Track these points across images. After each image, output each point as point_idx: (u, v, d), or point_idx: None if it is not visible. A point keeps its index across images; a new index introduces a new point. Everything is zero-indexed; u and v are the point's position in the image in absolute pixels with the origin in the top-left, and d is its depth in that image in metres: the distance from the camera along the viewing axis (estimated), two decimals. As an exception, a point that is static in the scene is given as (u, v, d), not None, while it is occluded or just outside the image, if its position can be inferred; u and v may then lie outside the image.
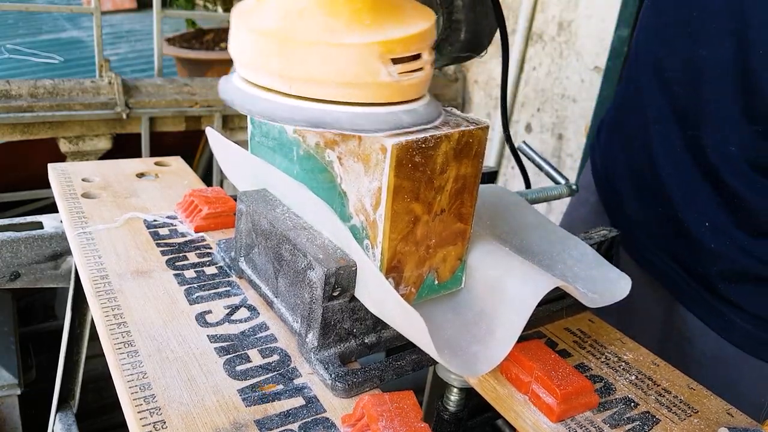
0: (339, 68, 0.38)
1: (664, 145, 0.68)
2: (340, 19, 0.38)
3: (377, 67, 0.38)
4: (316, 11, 0.38)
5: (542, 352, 0.47)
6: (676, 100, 0.66)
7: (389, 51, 0.38)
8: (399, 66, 0.39)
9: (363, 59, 0.38)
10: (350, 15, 0.38)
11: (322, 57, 0.38)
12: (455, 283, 0.49)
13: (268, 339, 0.49)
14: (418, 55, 0.40)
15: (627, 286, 0.52)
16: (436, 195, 0.43)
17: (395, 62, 0.39)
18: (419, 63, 0.40)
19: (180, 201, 0.69)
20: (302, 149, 0.49)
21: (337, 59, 0.38)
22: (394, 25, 0.39)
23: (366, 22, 0.38)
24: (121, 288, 0.53)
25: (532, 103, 2.08)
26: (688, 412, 0.47)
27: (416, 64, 0.40)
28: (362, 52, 0.38)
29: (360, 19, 0.38)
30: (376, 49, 0.38)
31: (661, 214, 0.70)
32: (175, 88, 1.72)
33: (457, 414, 0.58)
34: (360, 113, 0.39)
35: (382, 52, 0.38)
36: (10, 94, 1.50)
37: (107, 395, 1.21)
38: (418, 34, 0.39)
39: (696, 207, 0.65)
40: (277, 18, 0.39)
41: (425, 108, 0.42)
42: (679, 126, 0.66)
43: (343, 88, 0.39)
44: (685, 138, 0.65)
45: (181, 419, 0.40)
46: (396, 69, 0.39)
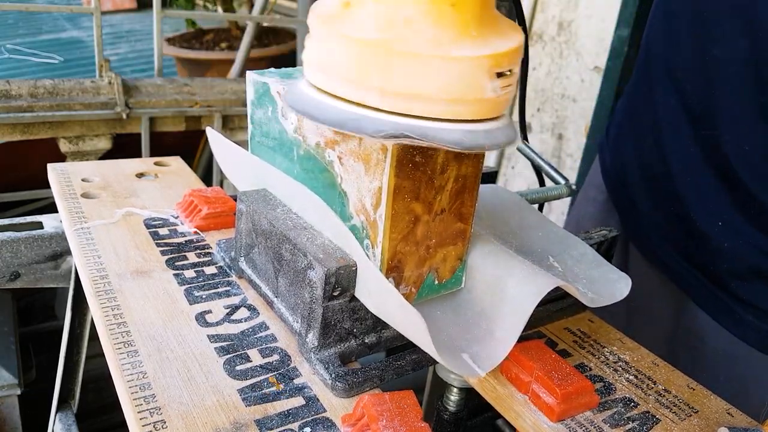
0: (447, 83, 0.35)
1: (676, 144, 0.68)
2: (448, 31, 0.35)
3: (484, 82, 0.36)
4: (424, 21, 0.35)
5: (542, 352, 0.47)
6: (688, 100, 0.65)
7: (497, 65, 0.36)
8: (501, 80, 0.37)
9: (472, 74, 0.36)
10: (459, 26, 0.36)
11: (430, 71, 0.35)
12: (455, 283, 0.49)
13: (268, 339, 0.49)
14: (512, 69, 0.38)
15: (627, 286, 0.52)
16: (436, 195, 0.43)
17: (498, 76, 0.37)
18: (513, 78, 0.38)
19: (180, 201, 0.69)
20: (302, 149, 0.49)
21: (445, 74, 0.35)
22: (496, 39, 0.37)
23: (473, 34, 0.36)
24: (120, 288, 0.53)
25: (532, 103, 2.08)
26: (688, 411, 0.47)
27: (512, 79, 0.38)
28: (472, 66, 0.35)
29: (468, 32, 0.36)
30: (486, 63, 0.36)
31: (673, 213, 0.70)
32: (175, 88, 1.72)
33: (457, 414, 0.58)
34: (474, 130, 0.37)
35: (490, 66, 0.36)
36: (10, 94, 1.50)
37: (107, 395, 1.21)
38: (518, 48, 0.38)
39: (708, 206, 0.65)
40: (378, 26, 0.36)
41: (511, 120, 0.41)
42: (692, 125, 0.65)
43: (448, 105, 0.36)
44: (697, 137, 0.65)
45: (181, 419, 0.40)
46: (499, 84, 0.37)
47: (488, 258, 0.48)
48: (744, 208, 0.62)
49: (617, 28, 1.75)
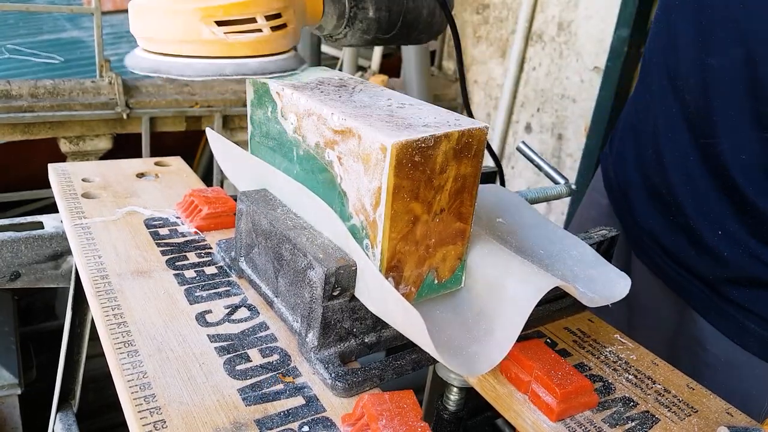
0: (172, 28, 0.49)
1: (676, 153, 0.68)
2: None
3: (200, 27, 0.48)
4: None
5: (542, 352, 0.47)
6: (687, 108, 0.66)
7: (210, 15, 0.48)
8: (225, 27, 0.48)
9: (188, 22, 0.48)
10: None
11: (160, 21, 0.49)
12: (455, 282, 0.49)
13: (268, 338, 0.50)
14: (252, 19, 0.49)
15: (626, 286, 0.52)
16: (435, 194, 0.43)
17: (220, 24, 0.48)
18: (254, 25, 0.49)
19: (180, 201, 0.69)
20: (302, 149, 0.49)
21: (170, 22, 0.49)
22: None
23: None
24: (121, 288, 0.53)
25: (532, 103, 2.08)
26: (687, 411, 0.47)
27: (249, 26, 0.49)
28: (187, 15, 0.48)
29: None
30: (198, 13, 0.48)
31: (672, 221, 0.70)
32: (175, 89, 1.72)
33: (457, 413, 0.58)
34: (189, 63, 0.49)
35: (203, 16, 0.48)
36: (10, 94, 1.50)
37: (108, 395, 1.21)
38: (243, 2, 0.49)
39: (708, 215, 0.65)
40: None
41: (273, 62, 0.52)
42: (690, 134, 0.66)
43: (180, 45, 0.49)
44: (696, 146, 0.65)
45: (181, 419, 0.40)
46: (222, 30, 0.48)
47: (488, 258, 0.48)
48: (743, 217, 0.62)
49: (617, 29, 1.75)
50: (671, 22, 0.69)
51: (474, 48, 2.31)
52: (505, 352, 0.44)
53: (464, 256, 0.48)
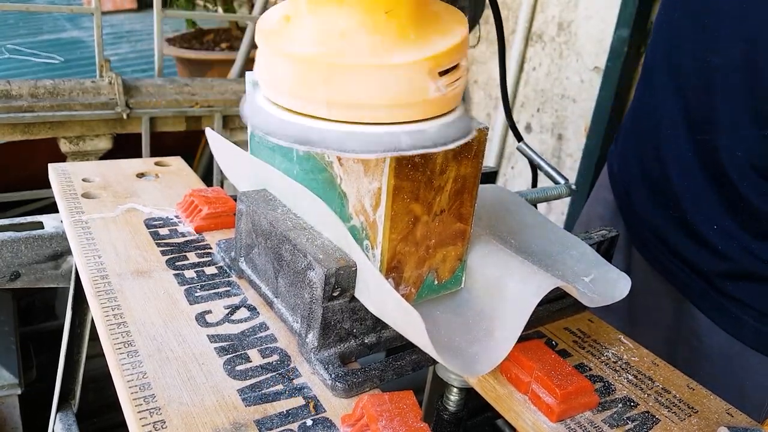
0: (389, 90, 0.36)
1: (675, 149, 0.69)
2: (386, 38, 0.36)
3: (427, 83, 0.37)
4: (359, 30, 0.36)
5: (542, 352, 0.47)
6: (688, 105, 0.67)
7: (437, 65, 0.37)
8: (445, 78, 0.38)
9: (413, 78, 0.36)
10: (395, 32, 0.36)
11: (371, 80, 0.36)
12: (455, 283, 0.49)
13: (268, 339, 0.49)
14: (458, 64, 0.39)
15: (627, 286, 0.52)
16: (435, 195, 0.43)
17: (441, 75, 0.37)
18: (461, 72, 0.39)
19: (180, 201, 0.69)
20: (302, 150, 0.49)
21: (386, 81, 0.36)
22: (437, 36, 0.37)
23: (411, 36, 0.36)
24: (121, 288, 0.53)
25: (532, 103, 2.08)
26: (687, 411, 0.47)
27: (458, 74, 0.39)
28: (412, 70, 0.36)
29: (405, 35, 0.36)
30: (426, 66, 0.36)
31: (671, 216, 0.71)
32: (175, 89, 1.72)
33: (457, 414, 0.58)
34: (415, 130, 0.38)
35: (431, 68, 0.36)
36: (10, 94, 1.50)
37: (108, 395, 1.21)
38: (461, 43, 0.38)
39: (704, 209, 0.66)
40: (316, 41, 0.37)
41: (466, 114, 0.41)
42: (688, 130, 0.67)
43: (393, 110, 0.37)
44: (694, 142, 0.66)
45: (180, 419, 0.40)
46: (443, 82, 0.37)
47: (488, 258, 0.48)
48: (736, 212, 0.63)
49: (617, 29, 1.75)
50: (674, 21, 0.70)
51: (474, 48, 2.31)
52: (506, 352, 0.44)
53: (464, 256, 0.48)
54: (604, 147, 1.85)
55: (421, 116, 0.38)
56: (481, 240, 0.50)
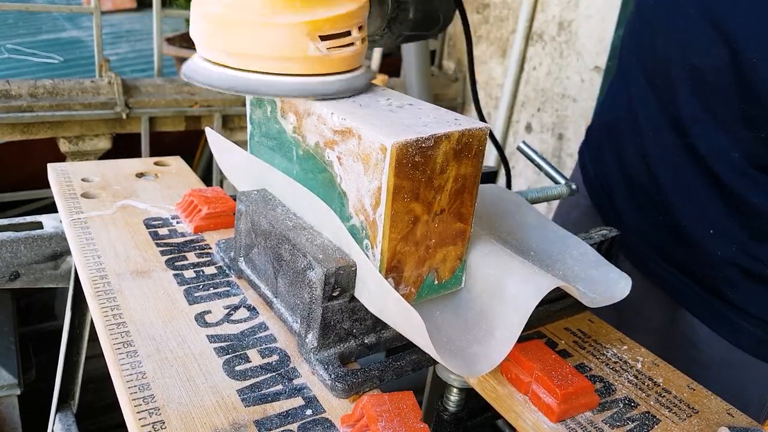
0: (273, 44, 0.44)
1: (661, 153, 0.67)
2: (276, 2, 0.43)
3: (306, 43, 0.44)
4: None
5: (542, 352, 0.47)
6: (669, 107, 0.65)
7: (317, 29, 0.44)
8: (327, 42, 0.45)
9: (293, 36, 0.44)
10: None
11: (258, 35, 0.44)
12: (455, 283, 0.49)
13: (267, 339, 0.49)
14: (348, 32, 0.46)
15: (627, 285, 0.52)
16: (435, 195, 0.43)
17: (323, 39, 0.45)
18: (349, 39, 0.46)
19: (180, 201, 0.69)
20: (302, 149, 0.49)
21: (271, 37, 0.44)
22: (321, 8, 0.45)
23: (297, 5, 0.44)
24: (120, 288, 0.53)
25: (532, 103, 2.08)
26: (688, 412, 0.47)
27: (345, 40, 0.46)
28: (293, 30, 0.44)
29: (292, 2, 0.44)
30: (305, 28, 0.44)
31: (660, 221, 0.69)
32: (174, 88, 1.72)
33: (457, 414, 0.58)
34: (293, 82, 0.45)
35: (310, 30, 0.44)
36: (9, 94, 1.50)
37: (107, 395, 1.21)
38: (345, 14, 0.45)
39: (698, 214, 0.65)
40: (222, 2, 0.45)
41: (356, 78, 0.48)
42: (675, 133, 0.65)
43: (278, 62, 0.45)
44: (683, 145, 0.65)
45: (180, 419, 0.40)
46: (325, 45, 0.45)
47: (488, 258, 0.48)
48: (735, 214, 0.62)
49: (617, 28, 1.75)
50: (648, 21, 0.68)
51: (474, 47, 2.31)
52: (506, 352, 0.43)
53: (464, 256, 0.48)
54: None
55: (309, 71, 0.45)
56: (481, 240, 0.50)
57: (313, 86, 0.46)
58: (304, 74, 0.45)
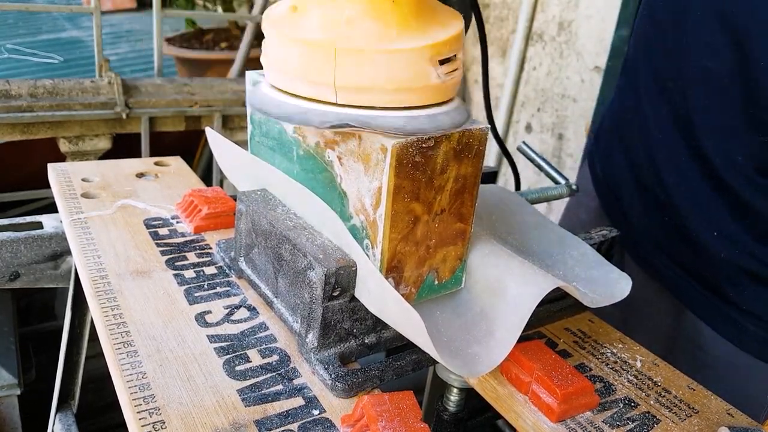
0: (392, 74, 0.38)
1: (669, 155, 0.67)
2: (390, 26, 0.38)
3: (428, 70, 0.39)
4: (364, 18, 0.38)
5: (542, 352, 0.47)
6: (677, 110, 0.65)
7: (438, 53, 0.39)
8: (444, 67, 0.40)
9: (415, 63, 0.39)
10: (398, 21, 0.39)
11: (375, 64, 0.38)
12: (455, 283, 0.49)
13: (267, 339, 0.49)
14: (455, 55, 0.41)
15: (627, 286, 0.52)
16: (436, 195, 0.43)
17: (441, 63, 0.40)
18: (458, 63, 0.42)
19: (180, 201, 0.69)
20: (302, 149, 0.49)
21: (390, 66, 0.38)
22: (436, 28, 0.40)
23: (413, 25, 0.39)
24: (120, 288, 0.53)
25: (532, 103, 2.08)
26: (688, 412, 0.47)
27: (456, 64, 0.42)
28: (415, 56, 0.38)
29: (407, 24, 0.39)
30: (427, 53, 0.39)
31: (667, 222, 0.69)
32: (174, 88, 1.72)
33: (457, 414, 0.58)
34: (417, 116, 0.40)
35: (432, 55, 0.39)
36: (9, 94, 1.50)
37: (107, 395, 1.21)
38: (458, 35, 0.41)
39: (704, 216, 0.65)
40: (323, 27, 0.39)
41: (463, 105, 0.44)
42: (682, 135, 0.65)
43: (396, 94, 0.39)
44: (689, 147, 0.65)
45: (180, 419, 0.40)
46: (443, 70, 0.40)
47: (488, 258, 0.48)
48: (740, 217, 0.62)
49: (617, 28, 1.75)
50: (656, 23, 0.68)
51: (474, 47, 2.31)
52: (506, 352, 0.43)
53: (465, 256, 0.48)
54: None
55: (424, 102, 0.40)
56: (481, 240, 0.50)
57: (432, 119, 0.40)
58: (422, 105, 0.40)
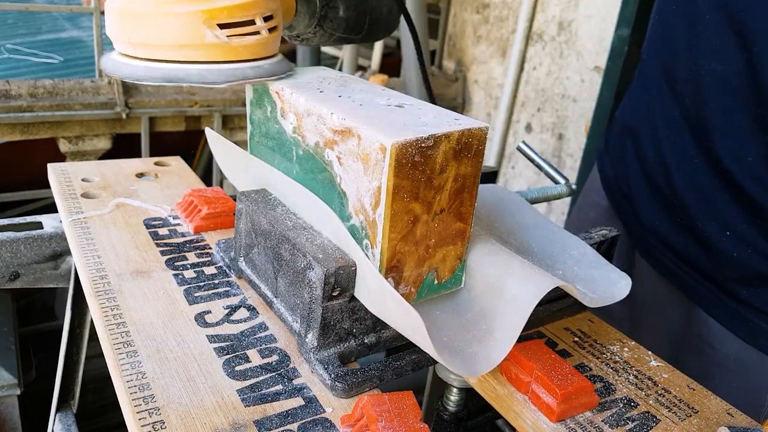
0: (171, 33, 0.46)
1: (679, 155, 0.68)
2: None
3: (203, 31, 0.46)
4: None
5: (542, 352, 0.47)
6: (688, 111, 0.66)
7: (213, 17, 0.46)
8: (227, 30, 0.47)
9: (189, 25, 0.46)
10: None
11: (156, 25, 0.46)
12: (455, 282, 0.49)
13: (267, 339, 0.49)
14: (251, 21, 0.48)
15: (627, 285, 0.52)
16: (435, 194, 0.43)
17: (223, 27, 0.46)
18: (253, 27, 0.48)
19: (180, 201, 0.69)
20: (302, 149, 0.49)
21: (167, 26, 0.46)
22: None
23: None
24: (120, 288, 0.53)
25: (532, 103, 2.08)
26: (688, 412, 0.47)
27: (249, 29, 0.48)
28: (188, 18, 0.45)
29: None
30: (201, 16, 0.46)
31: (678, 222, 0.70)
32: (174, 88, 1.72)
33: (457, 414, 0.58)
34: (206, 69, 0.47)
35: (206, 18, 0.46)
36: (9, 94, 1.50)
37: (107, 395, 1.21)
38: (244, 4, 0.47)
39: (715, 216, 0.65)
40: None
41: (272, 65, 0.51)
42: (693, 136, 0.66)
43: (179, 50, 0.47)
44: (699, 148, 0.65)
45: (180, 419, 0.40)
46: (224, 33, 0.46)
47: (488, 258, 0.48)
48: (751, 217, 0.62)
49: (617, 28, 1.75)
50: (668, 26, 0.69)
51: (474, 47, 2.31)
52: (505, 352, 0.43)
53: (464, 256, 0.48)
54: (604, 146, 1.84)
55: (210, 58, 0.47)
56: (481, 240, 0.50)
57: (211, 73, 0.47)
58: (205, 61, 0.47)
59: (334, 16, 0.59)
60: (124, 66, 0.48)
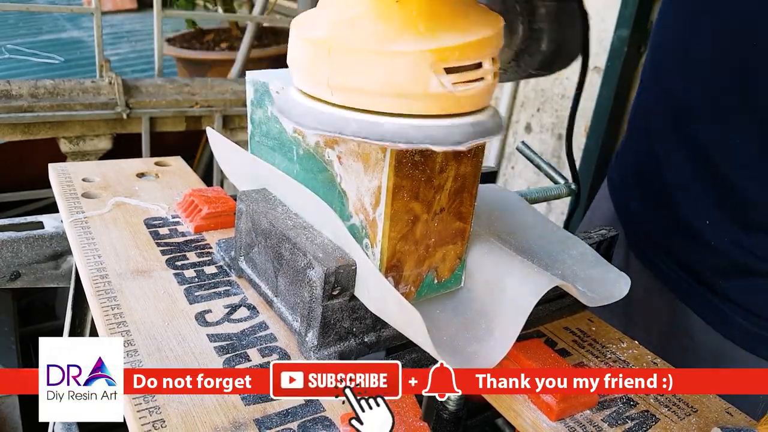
0: (387, 78, 0.36)
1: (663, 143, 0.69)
2: (391, 26, 0.36)
3: (428, 76, 0.36)
4: (368, 18, 0.36)
5: (541, 351, 0.47)
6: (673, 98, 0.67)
7: (442, 59, 0.36)
8: (454, 76, 0.36)
9: (412, 68, 0.35)
10: (402, 21, 0.36)
11: (369, 66, 0.36)
12: (455, 282, 0.49)
13: (267, 338, 0.50)
14: (479, 64, 0.37)
15: (626, 285, 0.52)
16: (435, 194, 0.43)
17: (449, 72, 0.36)
18: (479, 73, 0.37)
19: (180, 201, 0.69)
20: (302, 149, 0.49)
21: (385, 68, 0.36)
22: (451, 33, 0.36)
23: (420, 28, 0.36)
24: (121, 287, 0.53)
25: (532, 103, 2.08)
26: (687, 411, 0.47)
27: (475, 74, 0.37)
28: (412, 60, 0.35)
29: (413, 26, 0.36)
30: (428, 58, 0.35)
31: (663, 215, 0.71)
32: (175, 88, 1.72)
33: (457, 413, 0.58)
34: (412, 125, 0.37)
35: (434, 61, 0.35)
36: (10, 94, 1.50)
37: (107, 395, 1.21)
38: (477, 42, 0.37)
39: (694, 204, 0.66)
40: (328, 26, 0.38)
41: (490, 119, 0.39)
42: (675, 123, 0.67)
43: (392, 99, 0.36)
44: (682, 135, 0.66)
45: (180, 418, 0.40)
46: (450, 79, 0.36)
47: (487, 257, 0.48)
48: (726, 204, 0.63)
49: (617, 28, 1.75)
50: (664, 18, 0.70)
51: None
52: (505, 351, 0.44)
53: (464, 255, 0.48)
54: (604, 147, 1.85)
55: (424, 111, 0.37)
56: (480, 239, 0.50)
57: (431, 130, 0.37)
58: (419, 115, 0.37)
59: (536, 50, 0.51)
60: (322, 115, 0.38)
